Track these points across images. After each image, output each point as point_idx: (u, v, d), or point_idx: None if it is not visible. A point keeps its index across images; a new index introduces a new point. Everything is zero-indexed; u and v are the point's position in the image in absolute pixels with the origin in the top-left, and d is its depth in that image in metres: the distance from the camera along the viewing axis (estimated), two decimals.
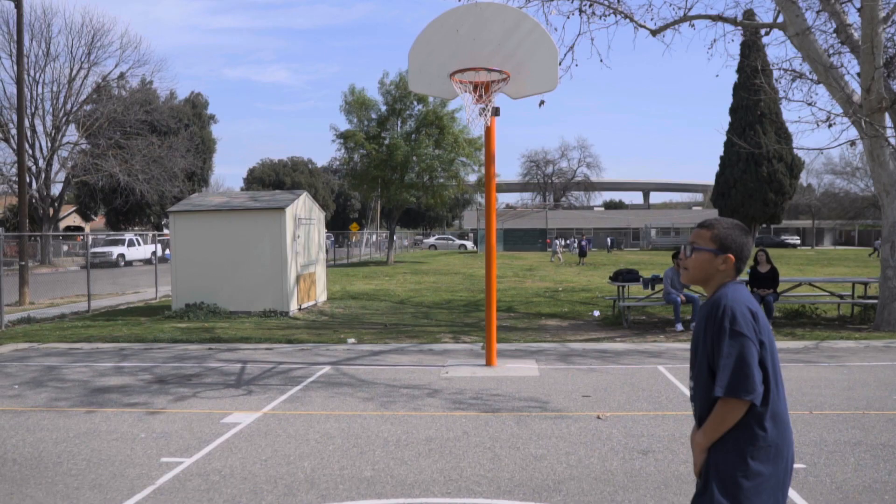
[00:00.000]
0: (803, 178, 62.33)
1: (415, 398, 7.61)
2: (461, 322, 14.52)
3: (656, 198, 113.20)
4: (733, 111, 51.16)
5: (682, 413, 6.73)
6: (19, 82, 20.24)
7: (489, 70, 7.81)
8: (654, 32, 13.57)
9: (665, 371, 8.76)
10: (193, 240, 16.25)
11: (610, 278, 14.78)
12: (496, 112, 9.02)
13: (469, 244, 64.24)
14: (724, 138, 50.92)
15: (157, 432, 6.48)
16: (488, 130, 8.99)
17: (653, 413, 6.75)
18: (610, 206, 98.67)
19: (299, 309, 16.53)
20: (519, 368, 9.10)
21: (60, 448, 6.08)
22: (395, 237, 49.24)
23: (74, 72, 38.65)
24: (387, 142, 36.55)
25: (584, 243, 37.20)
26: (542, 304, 17.61)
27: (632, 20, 13.49)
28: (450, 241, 68.03)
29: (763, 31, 15.40)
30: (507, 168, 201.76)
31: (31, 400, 7.93)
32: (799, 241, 71.70)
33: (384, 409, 7.15)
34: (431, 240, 71.32)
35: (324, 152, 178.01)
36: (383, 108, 37.44)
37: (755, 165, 49.79)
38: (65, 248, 47.69)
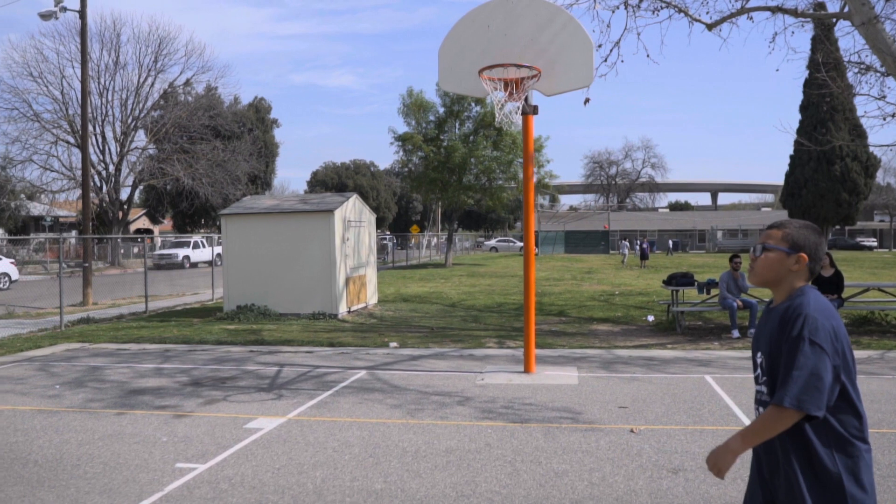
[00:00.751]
0: (880, 177, 59.61)
1: (444, 406, 7.38)
2: (510, 326, 14.23)
3: (725, 199, 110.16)
4: (803, 108, 49.27)
5: (722, 428, 6.32)
6: (83, 90, 20.85)
7: (518, 66, 7.53)
8: (709, 26, 13.02)
9: (712, 381, 8.31)
10: (244, 242, 16.39)
11: (664, 282, 14.25)
12: (534, 110, 8.73)
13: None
14: (793, 136, 49.00)
15: (179, 436, 6.43)
16: (525, 129, 8.70)
17: (691, 427, 6.35)
18: (675, 207, 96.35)
19: (348, 311, 16.49)
20: (558, 376, 8.77)
21: (82, 450, 6.07)
22: (454, 239, 49.14)
23: (142, 79, 39.84)
24: (445, 144, 36.46)
25: (644, 245, 36.29)
26: (595, 308, 17.15)
27: (686, 14, 12.97)
28: (511, 244, 67.54)
29: (830, 22, 14.64)
30: (570, 169, 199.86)
31: (68, 400, 8.02)
32: (876, 244, 68.53)
33: (410, 417, 6.94)
34: (492, 242, 70.95)
35: (386, 155, 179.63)
36: (441, 110, 37.36)
37: (827, 164, 47.83)
38: (135, 249, 49.13)
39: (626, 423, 6.51)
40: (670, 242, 56.85)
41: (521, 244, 65.89)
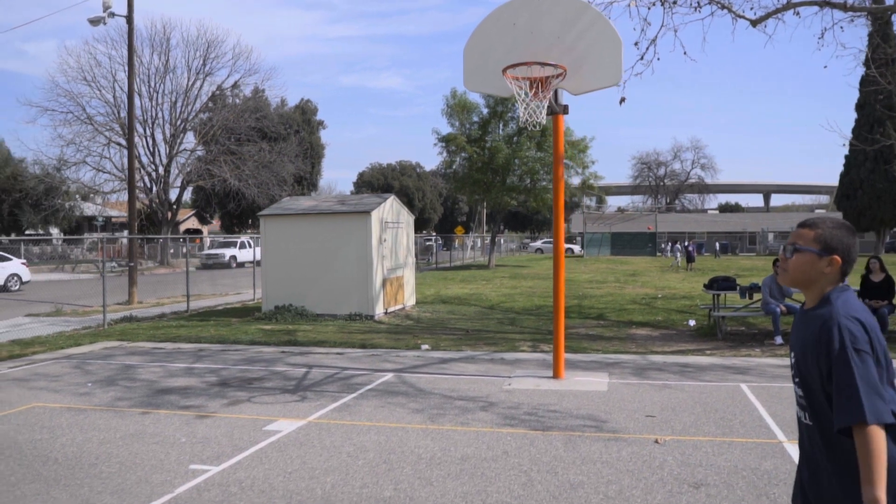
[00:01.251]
0: None
1: (466, 411, 7.24)
2: (546, 330, 14.00)
3: (777, 200, 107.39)
4: (859, 107, 47.70)
5: (752, 440, 6.05)
6: (130, 93, 21.28)
7: (543, 65, 7.35)
8: (754, 23, 12.62)
9: (747, 390, 8.00)
10: (282, 243, 16.50)
11: (705, 286, 13.86)
12: (564, 110, 8.53)
13: (576, 248, 63.04)
14: (845, 136, 47.43)
15: (198, 437, 6.43)
16: (555, 129, 8.52)
17: (719, 439, 6.09)
18: (725, 208, 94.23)
19: (385, 313, 16.45)
20: (587, 382, 8.56)
21: (102, 449, 6.11)
22: (497, 240, 48.87)
23: (191, 82, 40.59)
24: (488, 145, 36.29)
25: (690, 248, 35.50)
26: (635, 311, 16.80)
27: (729, 10, 12.60)
28: None
29: (886, 16, 14.06)
30: (617, 170, 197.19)
31: (97, 399, 8.12)
32: None
33: (430, 422, 6.83)
34: (538, 243, 70.46)
35: (432, 156, 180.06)
36: (485, 110, 37.20)
37: (884, 164, 46.16)
38: (183, 249, 50.04)
39: (652, 434, 6.29)
40: (717, 245, 55.62)
41: (567, 245, 65.31)
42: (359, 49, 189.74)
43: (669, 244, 52.62)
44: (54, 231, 43.47)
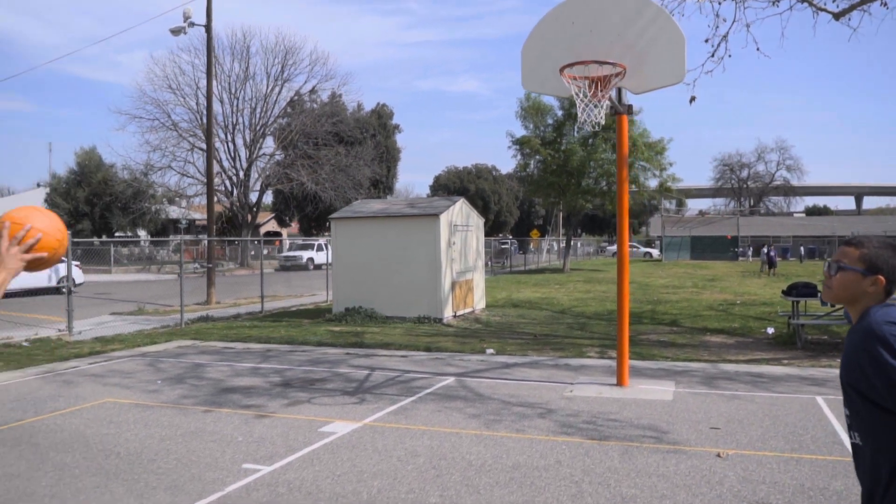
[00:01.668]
0: None
1: (524, 418, 7.10)
2: (615, 335, 13.67)
3: (871, 203, 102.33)
4: None
5: (822, 458, 5.70)
6: (209, 98, 21.96)
7: (601, 63, 7.13)
8: (836, 16, 12.02)
9: (823, 403, 7.57)
10: (353, 245, 16.68)
11: (783, 292, 13.26)
12: (628, 110, 8.30)
13: (655, 252, 61.67)
14: None
15: (254, 437, 6.51)
16: (619, 130, 8.29)
17: (787, 455, 5.77)
18: (812, 212, 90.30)
19: (454, 316, 16.42)
20: (652, 390, 8.28)
21: (162, 445, 6.26)
22: (572, 244, 48.25)
23: (269, 88, 41.65)
24: (563, 147, 35.89)
25: (772, 252, 34.13)
26: (711, 318, 16.24)
27: (811, 4, 12.04)
28: (634, 249, 65.67)
29: None
30: (697, 172, 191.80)
31: (165, 396, 8.35)
32: None
33: (486, 428, 6.72)
34: (615, 247, 69.28)
35: (507, 159, 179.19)
36: (559, 112, 36.81)
37: None
38: (265, 251, 51.39)
39: (714, 447, 6.01)
40: (802, 249, 53.35)
41: (645, 250, 63.95)
42: (436, 53, 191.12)
43: (751, 248, 50.84)
44: (142, 233, 45.33)
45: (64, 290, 25.76)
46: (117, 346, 12.52)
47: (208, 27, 21.66)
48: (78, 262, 26.14)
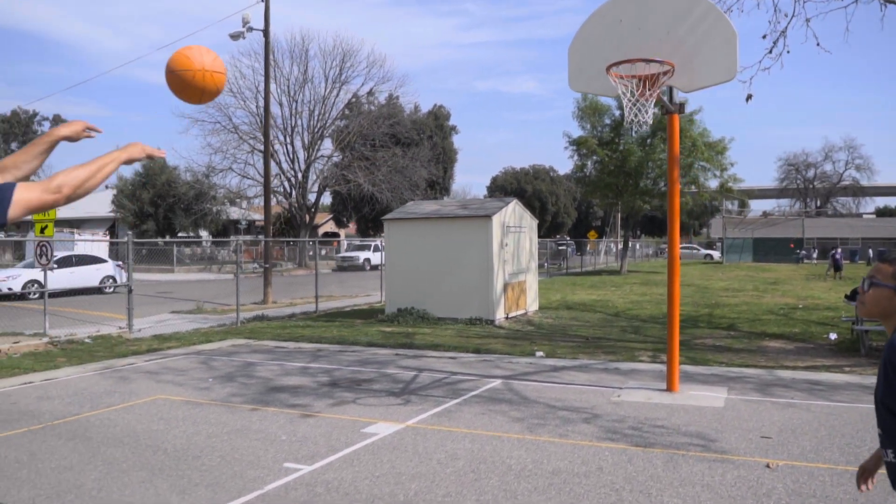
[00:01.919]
0: None
1: (568, 422, 6.99)
2: None
3: None
4: None
5: (879, 472, 5.44)
6: (266, 101, 22.37)
7: (647, 61, 6.95)
8: None
9: None
10: (405, 246, 16.74)
11: (846, 297, 12.79)
12: (679, 109, 8.10)
13: (716, 254, 60.25)
14: None
15: (298, 436, 6.57)
16: (670, 129, 8.09)
17: (840, 467, 5.53)
18: (883, 213, 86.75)
19: (506, 318, 16.32)
20: (703, 397, 8.06)
21: (208, 442, 6.37)
22: (632, 245, 47.49)
23: (327, 91, 42.20)
24: (620, 147, 35.36)
25: (838, 255, 32.95)
26: (771, 322, 15.76)
27: None
28: (695, 251, 64.32)
29: None
30: (761, 172, 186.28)
31: (215, 394, 8.50)
32: None
33: (529, 432, 6.64)
34: None
35: (564, 159, 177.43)
36: (616, 112, 36.27)
37: None
38: (323, 251, 52.07)
39: (764, 457, 5.80)
40: (871, 251, 51.36)
41: (706, 251, 62.54)
42: (494, 54, 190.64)
43: (815, 251, 49.21)
44: (203, 234, 46.47)
45: (107, 289, 26.51)
46: (174, 343, 12.83)
47: (266, 31, 22.05)
48: (120, 262, 26.39)
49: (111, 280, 25.95)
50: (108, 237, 35.94)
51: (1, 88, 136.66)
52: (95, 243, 29.69)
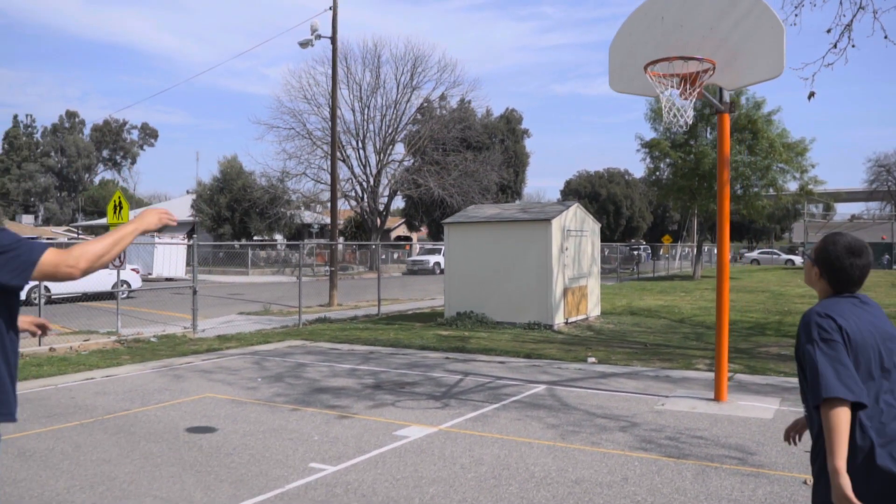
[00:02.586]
0: None
1: (603, 430, 6.83)
2: (732, 347, 12.89)
3: None
4: None
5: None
6: (333, 107, 22.79)
7: (686, 59, 6.71)
8: None
9: None
10: (465, 250, 16.74)
11: None
12: (729, 108, 7.82)
13: (798, 259, 57.93)
14: None
15: (330, 436, 6.63)
16: (720, 129, 7.82)
17: None
18: None
19: (566, 323, 16.11)
20: (752, 408, 7.74)
21: (242, 441, 6.49)
22: (708, 250, 46.10)
23: (399, 96, 42.62)
24: (694, 150, 34.41)
25: None
26: None
27: None
28: (775, 256, 62.03)
29: None
30: (848, 174, 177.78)
31: (260, 393, 8.68)
32: None
33: (561, 439, 6.51)
34: (754, 254, 65.73)
35: (639, 162, 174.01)
36: (733, 113, 35.34)
37: None
38: (395, 255, 52.65)
39: (804, 472, 5.52)
40: None
41: (787, 257, 60.21)
42: (572, 57, 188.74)
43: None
44: (278, 237, 47.61)
45: (122, 295, 25.86)
46: (234, 344, 13.17)
47: (333, 39, 22.45)
48: (136, 267, 25.72)
49: (126, 285, 23.43)
50: (186, 241, 37.21)
51: (96, 99, 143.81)
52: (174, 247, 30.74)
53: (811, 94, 9.42)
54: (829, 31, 9.46)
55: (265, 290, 29.32)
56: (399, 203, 53.30)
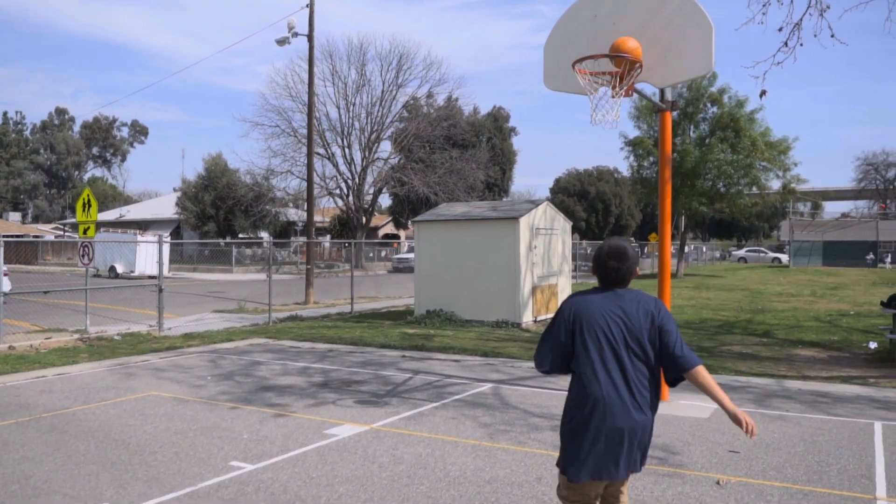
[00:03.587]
0: None
1: (535, 430, 6.84)
2: (695, 345, 12.97)
3: None
4: None
5: (839, 493, 5.12)
6: (310, 104, 22.74)
7: (611, 56, 6.69)
8: None
9: (879, 430, 6.81)
10: (435, 248, 16.73)
11: (883, 303, 12.10)
12: (671, 106, 7.82)
13: (784, 257, 58.05)
14: None
15: (260, 435, 6.63)
16: (662, 128, 7.83)
17: (797, 486, 5.21)
18: None
19: (534, 321, 16.12)
20: (691, 406, 7.76)
21: (171, 439, 6.48)
22: (698, 248, 46.19)
23: (385, 94, 42.53)
24: (677, 148, 34.46)
25: None
26: (811, 329, 15.07)
27: None
28: (762, 254, 62.14)
29: None
30: (837, 173, 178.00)
31: (206, 391, 8.66)
32: None
33: (489, 438, 6.52)
34: (741, 252, 65.84)
35: (625, 161, 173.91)
36: (674, 112, 35.37)
37: None
38: (382, 253, 52.59)
39: (722, 473, 5.53)
40: None
41: (774, 255, 60.34)
42: None
43: (889, 255, 46.88)
44: (263, 235, 47.50)
45: None
46: (197, 342, 13.14)
47: (310, 36, 22.42)
48: (6, 269, 24.25)
49: None
50: (169, 239, 37.15)
51: (90, 96, 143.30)
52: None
53: (762, 93, 9.45)
54: (780, 29, 9.48)
55: (246, 287, 29.30)
56: (388, 201, 53.27)
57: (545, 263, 16.74)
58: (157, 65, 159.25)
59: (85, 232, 15.77)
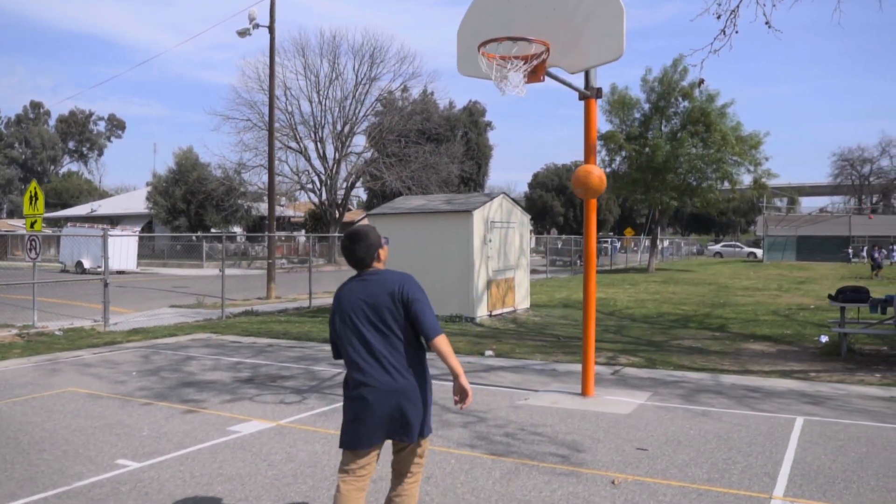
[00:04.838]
0: None
1: (446, 426, 6.66)
2: (646, 339, 12.89)
3: None
4: None
5: (735, 492, 4.98)
6: (271, 97, 22.43)
7: (515, 40, 6.49)
8: None
9: (799, 426, 6.67)
10: (390, 241, 16.49)
11: (830, 297, 12.03)
12: (596, 93, 7.64)
13: (759, 252, 58.30)
14: None
15: (161, 432, 6.41)
16: (587, 116, 7.65)
17: (694, 486, 5.06)
18: None
19: (490, 315, 15.96)
20: (614, 403, 7.60)
21: (67, 436, 6.26)
22: (673, 243, 46.21)
23: (357, 87, 42.22)
24: (649, 142, 34.43)
25: (875, 254, 31.41)
26: (766, 324, 15.01)
27: None
28: (738, 249, 62.36)
29: None
30: (814, 169, 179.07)
31: (125, 387, 8.42)
32: None
33: None
34: (717, 247, 66.06)
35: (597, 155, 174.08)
36: (646, 106, 35.37)
37: None
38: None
39: (620, 472, 5.36)
40: None
41: (749, 249, 60.57)
42: None
43: (864, 249, 47.07)
44: (236, 229, 47.11)
45: None
46: (138, 337, 12.86)
47: (271, 28, 22.12)
48: None
49: None
50: (137, 232, 36.69)
51: (68, 90, 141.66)
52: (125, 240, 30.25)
53: (700, 81, 9.30)
54: (718, 17, 9.34)
55: (215, 282, 28.90)
56: (363, 195, 52.96)
57: (501, 257, 16.57)
58: (140, 59, 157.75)
59: (32, 225, 15.45)
